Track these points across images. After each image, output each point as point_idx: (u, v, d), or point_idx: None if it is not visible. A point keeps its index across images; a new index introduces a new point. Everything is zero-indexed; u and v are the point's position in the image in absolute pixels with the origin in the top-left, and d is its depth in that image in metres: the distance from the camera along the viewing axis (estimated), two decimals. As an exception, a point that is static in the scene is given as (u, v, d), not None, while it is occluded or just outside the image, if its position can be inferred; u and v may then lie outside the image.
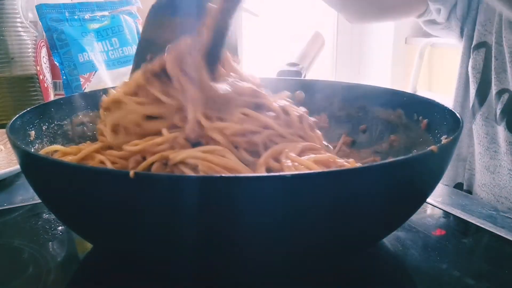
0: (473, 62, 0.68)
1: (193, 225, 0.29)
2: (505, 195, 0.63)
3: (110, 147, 0.41)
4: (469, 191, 0.70)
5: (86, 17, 0.77)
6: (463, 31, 0.70)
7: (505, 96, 0.61)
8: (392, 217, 0.34)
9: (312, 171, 0.29)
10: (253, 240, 0.30)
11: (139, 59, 0.47)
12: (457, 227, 0.46)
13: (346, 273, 0.37)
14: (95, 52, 0.76)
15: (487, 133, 0.65)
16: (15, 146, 0.34)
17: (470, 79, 0.68)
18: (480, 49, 0.67)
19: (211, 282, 0.35)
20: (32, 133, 0.43)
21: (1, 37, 0.80)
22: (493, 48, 0.64)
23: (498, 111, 0.62)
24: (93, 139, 0.52)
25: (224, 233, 0.29)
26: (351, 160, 0.40)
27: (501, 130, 0.62)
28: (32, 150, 0.41)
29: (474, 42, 0.68)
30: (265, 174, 0.36)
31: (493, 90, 0.64)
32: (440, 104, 0.44)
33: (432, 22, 0.74)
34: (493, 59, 0.64)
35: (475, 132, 0.67)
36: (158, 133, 0.39)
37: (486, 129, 0.65)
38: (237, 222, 0.28)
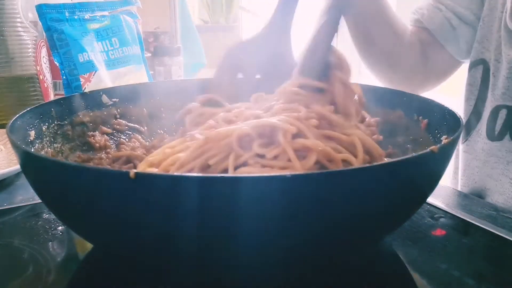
0: (470, 79, 0.68)
1: (193, 225, 0.29)
2: (502, 201, 0.63)
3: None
4: None
5: (86, 17, 0.77)
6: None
7: (503, 112, 0.62)
8: (392, 217, 0.34)
9: (312, 172, 0.29)
10: (253, 240, 0.30)
11: None
12: (457, 227, 0.45)
13: (346, 273, 0.37)
14: (95, 52, 0.76)
15: (482, 148, 0.65)
16: (15, 146, 0.34)
17: (466, 96, 0.69)
18: (478, 66, 0.67)
19: (211, 282, 0.35)
20: (32, 133, 0.43)
21: (1, 37, 0.80)
22: (491, 65, 0.65)
23: (499, 127, 0.63)
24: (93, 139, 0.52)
25: (225, 233, 0.29)
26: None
27: (501, 143, 0.63)
28: (32, 150, 0.41)
29: (471, 59, 0.69)
30: (265, 174, 0.36)
31: (489, 107, 0.64)
32: (440, 104, 0.44)
33: None
34: (491, 76, 0.64)
35: (470, 148, 0.68)
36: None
37: (481, 145, 0.66)
38: (237, 222, 0.28)
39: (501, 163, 0.63)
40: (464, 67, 0.73)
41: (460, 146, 0.71)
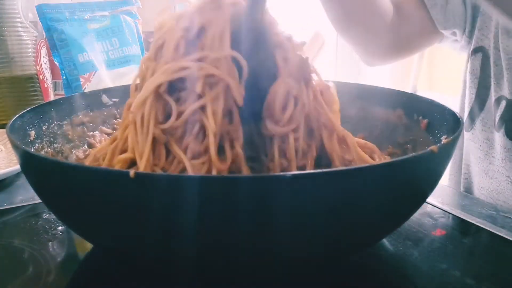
0: (470, 67, 0.68)
1: (193, 225, 0.29)
2: (503, 199, 0.63)
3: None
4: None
5: (86, 17, 0.77)
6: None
7: (503, 104, 0.62)
8: (392, 217, 0.34)
9: (311, 171, 0.29)
10: (253, 240, 0.30)
11: None
12: (457, 227, 0.46)
13: (346, 273, 0.38)
14: (95, 52, 0.76)
15: (487, 138, 0.65)
16: (15, 146, 0.34)
17: (468, 84, 0.69)
18: (477, 53, 0.67)
19: (211, 282, 0.35)
20: (32, 133, 0.43)
21: (1, 37, 0.80)
22: (491, 54, 0.64)
23: (497, 118, 0.62)
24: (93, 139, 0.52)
25: (224, 233, 0.29)
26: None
27: (499, 136, 0.62)
28: (32, 150, 0.41)
29: (472, 47, 0.68)
30: (265, 174, 0.36)
31: (493, 96, 0.64)
32: (440, 104, 0.44)
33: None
34: (492, 65, 0.64)
35: (475, 137, 0.68)
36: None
37: (486, 134, 0.65)
38: (237, 222, 0.28)
39: (497, 159, 0.63)
40: (463, 59, 0.73)
41: (465, 135, 0.70)
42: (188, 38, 0.38)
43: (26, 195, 0.52)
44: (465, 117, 0.69)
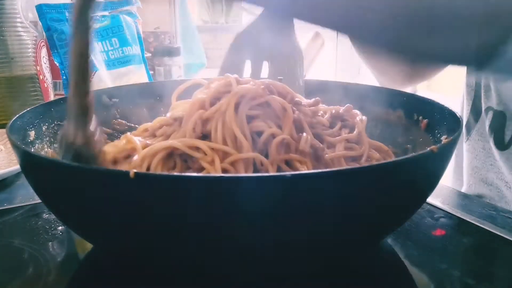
0: (468, 79, 0.69)
1: (194, 225, 0.29)
2: (501, 205, 0.63)
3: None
4: None
5: (86, 17, 0.77)
6: None
7: (490, 114, 0.63)
8: (392, 216, 0.34)
9: (311, 171, 0.29)
10: (253, 240, 0.30)
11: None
12: (457, 227, 0.45)
13: (346, 273, 0.37)
14: (95, 52, 0.76)
15: (483, 147, 0.66)
16: (15, 146, 0.34)
17: (465, 96, 0.70)
18: None
19: (211, 282, 0.35)
20: (32, 133, 0.43)
21: (1, 37, 0.80)
22: None
23: (487, 128, 0.64)
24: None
25: (225, 233, 0.29)
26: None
27: (492, 145, 0.63)
28: (32, 150, 0.41)
29: None
30: (265, 174, 0.36)
31: (483, 107, 0.65)
32: (440, 104, 0.44)
33: None
34: (483, 76, 0.65)
35: (471, 147, 0.69)
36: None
37: (482, 143, 0.66)
38: (237, 222, 0.28)
39: (496, 166, 0.64)
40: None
41: (464, 146, 0.71)
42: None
43: (26, 195, 0.52)
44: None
